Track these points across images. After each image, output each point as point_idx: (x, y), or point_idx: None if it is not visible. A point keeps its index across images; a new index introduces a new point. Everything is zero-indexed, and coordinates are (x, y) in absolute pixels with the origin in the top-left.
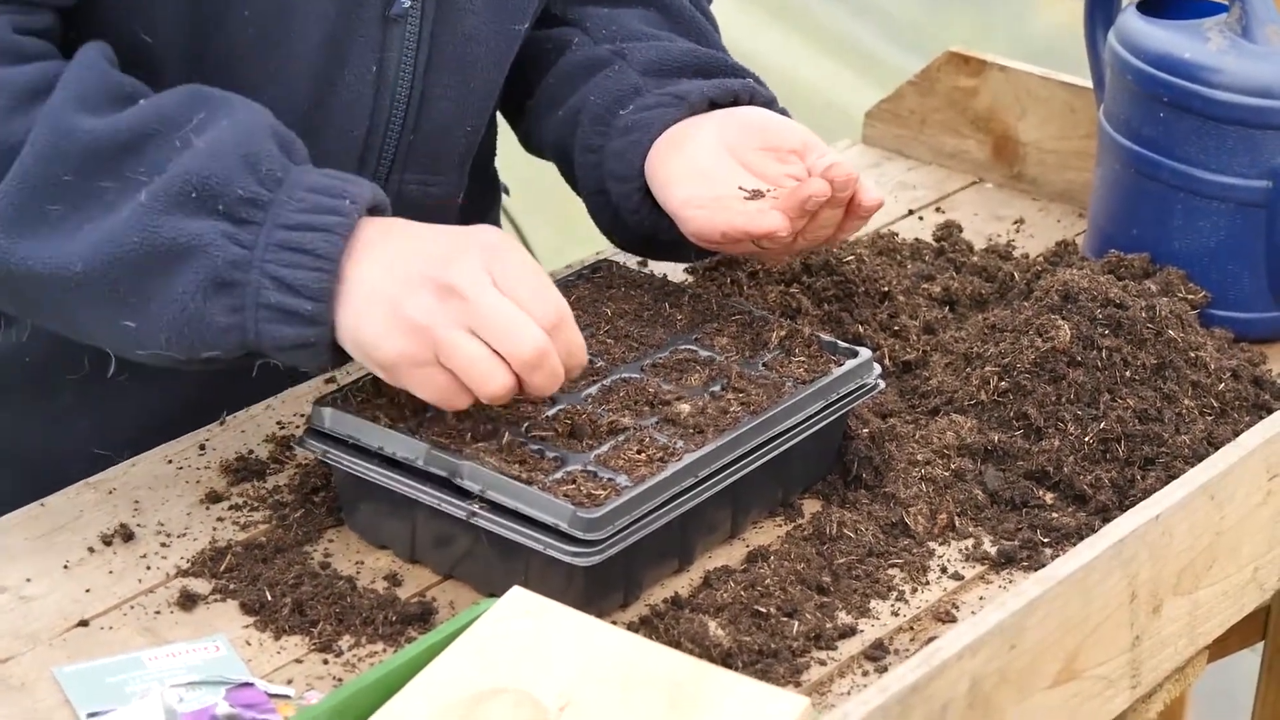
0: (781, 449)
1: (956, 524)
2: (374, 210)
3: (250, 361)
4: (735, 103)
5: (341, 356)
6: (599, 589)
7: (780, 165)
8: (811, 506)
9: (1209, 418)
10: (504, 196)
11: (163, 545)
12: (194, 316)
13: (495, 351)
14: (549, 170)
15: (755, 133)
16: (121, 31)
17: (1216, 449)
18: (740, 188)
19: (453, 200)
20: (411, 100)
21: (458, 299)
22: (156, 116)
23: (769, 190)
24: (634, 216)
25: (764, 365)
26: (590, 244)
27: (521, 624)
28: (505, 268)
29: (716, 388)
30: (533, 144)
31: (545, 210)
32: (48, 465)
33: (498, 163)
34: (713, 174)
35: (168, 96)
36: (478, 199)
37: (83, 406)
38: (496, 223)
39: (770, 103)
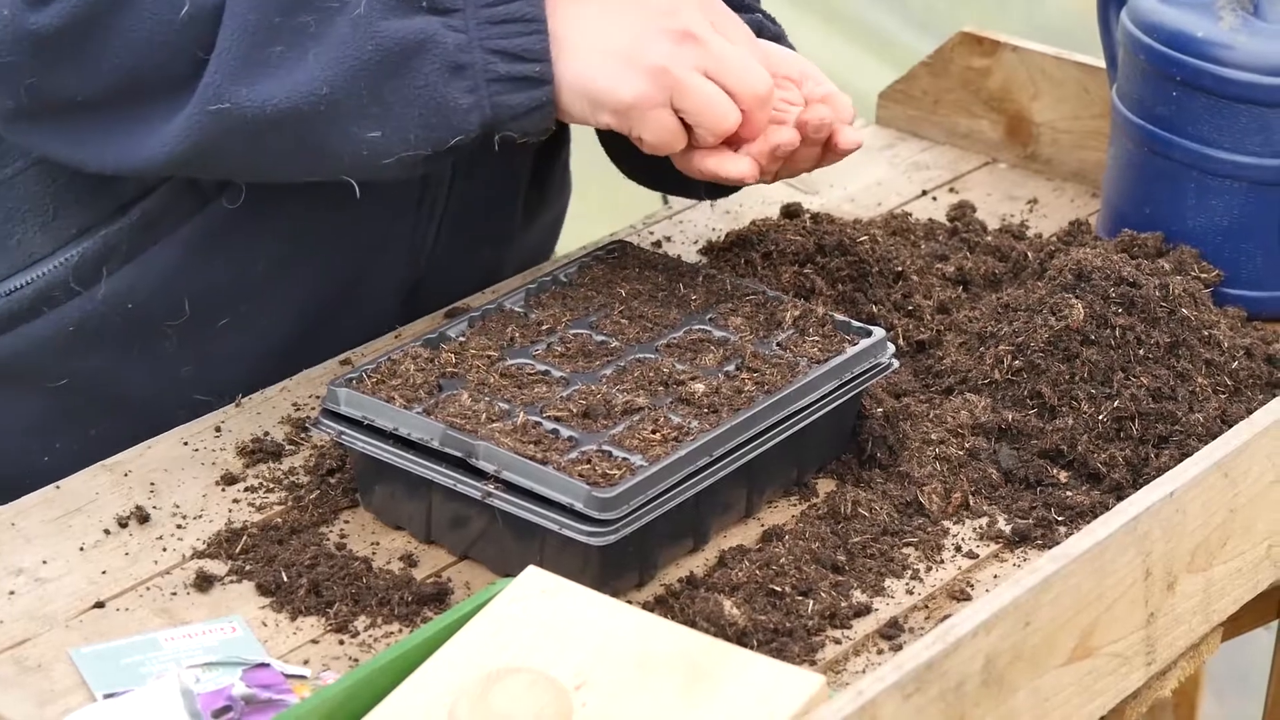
0: (796, 428)
1: (971, 503)
2: None
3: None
4: None
5: (560, 113)
6: (614, 568)
7: (777, 90)
8: (826, 486)
9: (1222, 396)
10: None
11: (178, 527)
12: (439, 105)
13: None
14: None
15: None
16: None
17: (1230, 427)
18: None
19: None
20: None
21: (694, 42)
22: None
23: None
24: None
25: (778, 345)
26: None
27: (537, 604)
28: (723, 20)
29: (731, 367)
30: None
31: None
32: (152, 410)
33: None
34: None
35: None
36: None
37: (184, 353)
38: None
39: (778, 38)
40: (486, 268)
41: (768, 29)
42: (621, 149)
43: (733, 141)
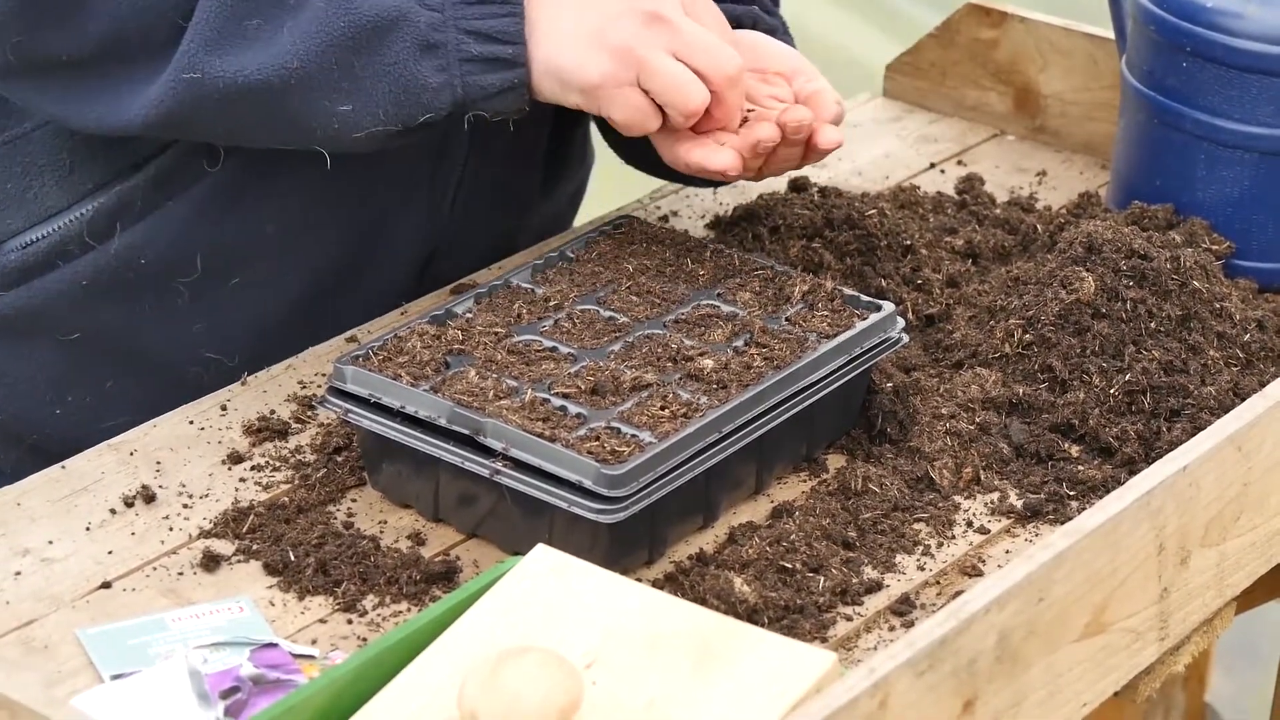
0: (805, 404)
1: (982, 478)
2: None
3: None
4: (737, 26)
5: (533, 96)
6: (623, 546)
7: (765, 86)
8: (836, 461)
9: (1235, 369)
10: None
11: (185, 506)
12: (409, 83)
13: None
14: None
15: (745, 54)
16: None
17: (1242, 400)
18: None
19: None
20: None
21: (661, 23)
22: None
23: (750, 109)
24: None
25: (787, 320)
26: (610, 199)
27: (546, 582)
28: (696, 4)
29: (739, 343)
30: None
31: None
32: (162, 367)
33: None
34: None
35: None
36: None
37: (196, 310)
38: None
39: (773, 31)
40: (503, 237)
41: (763, 21)
42: (613, 138)
43: (706, 125)
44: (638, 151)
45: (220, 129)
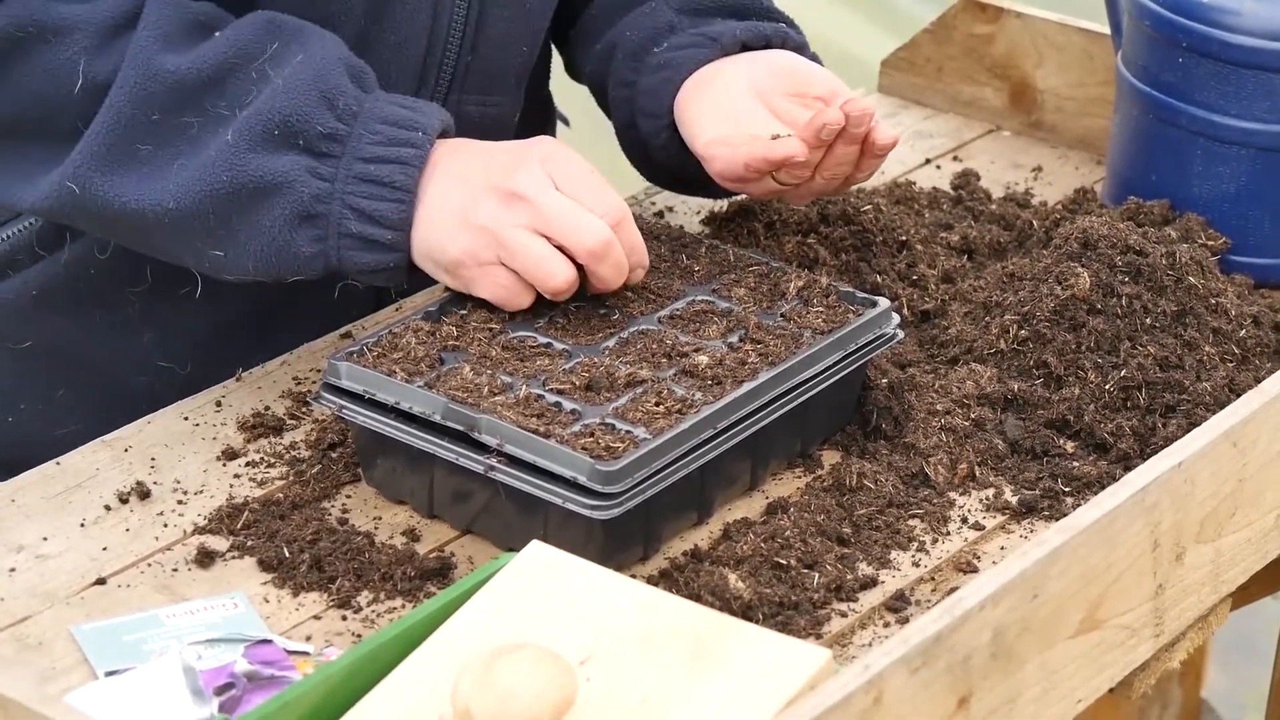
0: (800, 400)
1: (977, 474)
2: (443, 134)
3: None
4: (767, 46)
5: (416, 274)
6: (618, 542)
7: (807, 111)
8: (831, 458)
9: (1230, 364)
10: (563, 127)
11: (179, 503)
12: (281, 247)
13: (559, 249)
14: None
15: (783, 77)
16: None
17: (1238, 395)
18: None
19: (509, 119)
20: (469, 20)
21: (521, 202)
22: (234, 50)
23: (792, 135)
24: (662, 152)
25: (782, 316)
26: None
27: (541, 578)
28: (566, 172)
29: (734, 339)
30: (573, 72)
31: (607, 141)
32: (113, 376)
33: (558, 95)
34: (739, 116)
35: (242, 28)
36: (533, 120)
37: (146, 318)
38: None
39: (801, 48)
40: None
41: (791, 39)
42: (639, 157)
43: (588, 288)
44: (662, 170)
45: (104, 234)
